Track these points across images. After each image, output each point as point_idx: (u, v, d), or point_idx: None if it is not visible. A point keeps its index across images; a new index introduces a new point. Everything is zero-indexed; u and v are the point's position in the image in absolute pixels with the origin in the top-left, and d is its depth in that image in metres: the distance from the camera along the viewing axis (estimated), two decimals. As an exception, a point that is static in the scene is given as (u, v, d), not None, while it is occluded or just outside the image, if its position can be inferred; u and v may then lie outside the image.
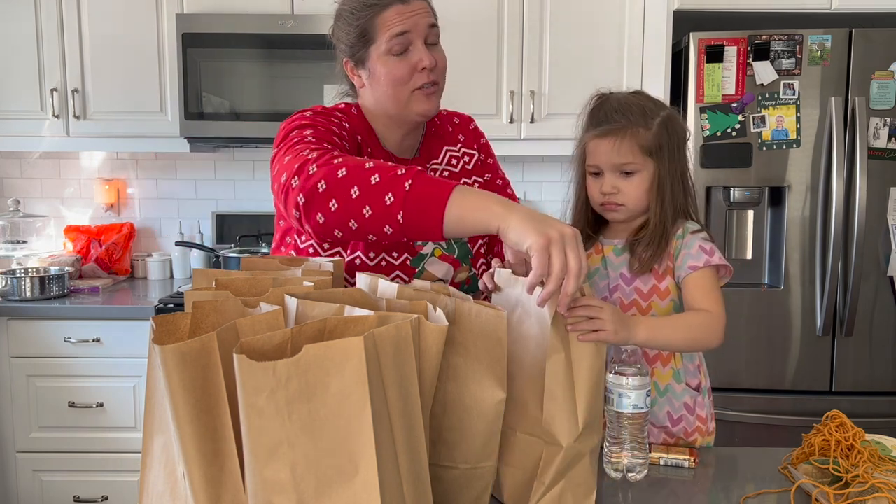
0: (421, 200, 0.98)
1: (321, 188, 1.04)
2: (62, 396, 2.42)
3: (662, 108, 1.24)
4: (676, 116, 1.26)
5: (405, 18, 1.25)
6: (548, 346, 0.93)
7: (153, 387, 0.77)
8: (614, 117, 1.21)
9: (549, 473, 0.96)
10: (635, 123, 1.21)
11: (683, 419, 1.28)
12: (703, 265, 1.22)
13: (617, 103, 1.23)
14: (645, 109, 1.22)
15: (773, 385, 2.39)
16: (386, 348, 0.68)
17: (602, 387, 0.99)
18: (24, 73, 2.64)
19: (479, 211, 0.97)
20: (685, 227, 1.26)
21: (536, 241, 0.90)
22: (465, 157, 1.46)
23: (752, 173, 2.34)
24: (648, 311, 1.26)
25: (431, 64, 1.27)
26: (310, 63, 2.55)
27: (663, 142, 1.22)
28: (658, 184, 1.23)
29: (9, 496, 2.46)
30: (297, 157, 1.12)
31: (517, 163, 2.98)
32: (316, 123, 1.26)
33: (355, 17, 1.27)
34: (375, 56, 1.27)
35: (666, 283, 1.25)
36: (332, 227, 1.06)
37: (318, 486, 0.64)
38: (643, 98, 1.26)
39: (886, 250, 2.33)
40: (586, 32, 2.58)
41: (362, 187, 1.02)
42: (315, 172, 1.06)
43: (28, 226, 2.95)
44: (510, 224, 0.94)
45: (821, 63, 2.29)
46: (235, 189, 3.04)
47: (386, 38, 1.25)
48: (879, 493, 0.98)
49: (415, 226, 1.00)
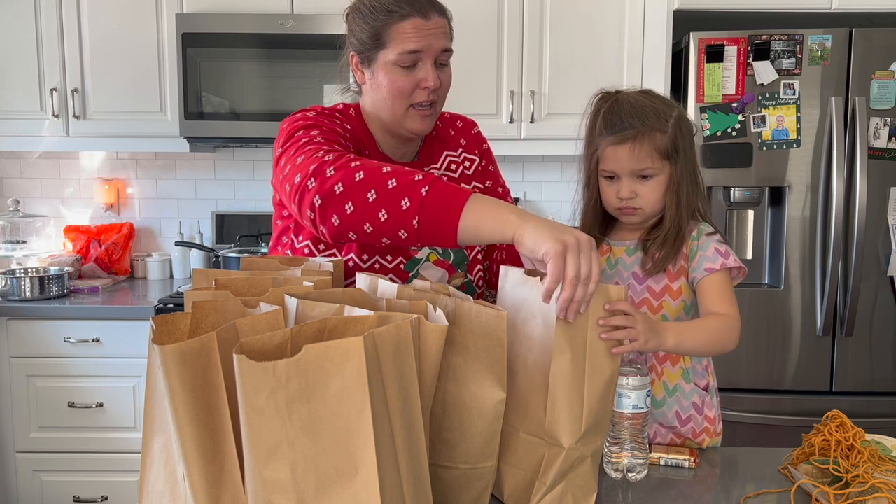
0: (437, 207, 0.99)
1: (338, 190, 1.05)
2: (62, 396, 2.42)
3: (672, 108, 1.23)
4: (685, 114, 1.25)
5: (421, 36, 1.23)
6: (553, 348, 0.93)
7: (153, 387, 0.77)
8: (630, 122, 1.20)
9: (551, 474, 0.96)
10: (651, 127, 1.19)
11: (692, 419, 1.27)
12: (718, 267, 1.22)
13: (630, 106, 1.21)
14: (658, 112, 1.21)
15: (774, 385, 2.39)
16: (386, 348, 0.68)
17: (612, 391, 0.99)
18: (23, 73, 2.64)
19: (494, 219, 0.97)
20: (699, 229, 1.26)
21: (553, 246, 0.90)
22: (465, 162, 1.46)
23: (753, 173, 2.34)
24: (659, 310, 1.25)
25: (436, 85, 1.26)
26: (310, 63, 2.55)
27: (678, 143, 1.21)
28: (674, 185, 1.22)
29: (9, 496, 2.46)
30: (311, 158, 1.12)
31: (517, 163, 2.98)
32: (321, 124, 1.25)
33: (372, 18, 1.25)
34: (382, 62, 1.26)
35: (678, 283, 1.25)
36: (347, 230, 1.06)
37: (318, 485, 0.64)
38: (653, 98, 1.24)
39: (886, 250, 2.33)
40: (586, 32, 2.58)
41: (379, 191, 1.02)
42: (332, 175, 1.06)
43: (28, 226, 2.95)
44: (525, 232, 0.94)
45: (821, 63, 2.29)
46: (235, 189, 3.04)
47: (397, 50, 1.24)
48: (879, 493, 0.98)
49: (430, 232, 1.00)
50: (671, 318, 1.26)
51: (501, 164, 1.56)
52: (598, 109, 1.25)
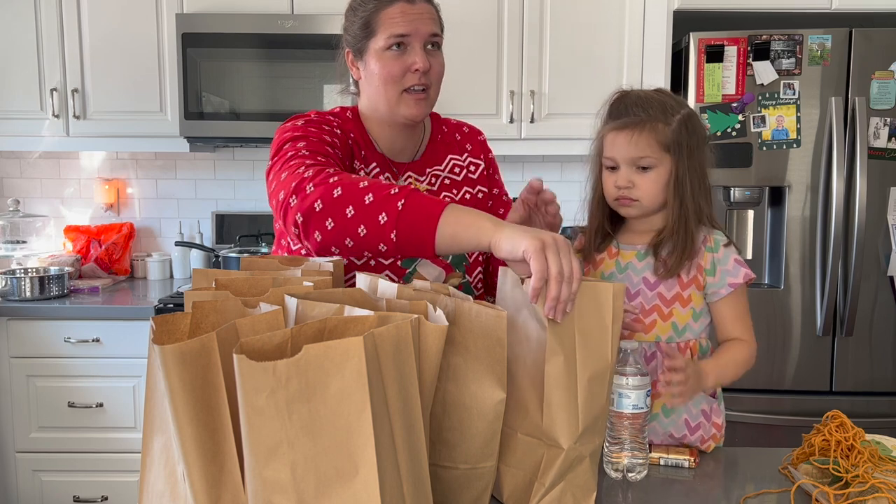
0: (413, 219, 1.01)
1: (318, 208, 1.07)
2: (62, 396, 2.42)
3: (683, 107, 1.23)
4: (697, 116, 1.25)
5: (408, 20, 1.26)
6: (546, 349, 0.93)
7: (153, 387, 0.77)
8: (633, 111, 1.20)
9: (550, 475, 0.96)
10: (654, 118, 1.20)
11: (701, 426, 1.26)
12: (742, 280, 1.23)
13: (637, 98, 1.22)
14: (665, 106, 1.21)
15: (774, 385, 2.39)
16: (386, 348, 0.68)
17: (606, 389, 0.99)
18: (23, 72, 2.64)
19: (470, 227, 0.99)
20: (715, 240, 1.25)
21: (532, 243, 0.90)
22: (470, 166, 1.46)
23: (752, 173, 2.34)
24: (669, 317, 1.24)
25: (425, 67, 1.27)
26: (309, 63, 2.55)
27: (682, 139, 1.21)
28: (676, 181, 1.22)
29: (9, 496, 2.46)
30: (293, 174, 1.14)
31: (517, 163, 2.98)
32: (308, 134, 1.26)
33: (362, 9, 1.29)
34: (373, 50, 1.29)
35: (689, 291, 1.24)
36: (329, 245, 1.08)
37: (318, 485, 0.64)
38: (665, 95, 1.24)
39: (886, 250, 2.33)
40: (586, 32, 2.58)
41: (357, 207, 1.04)
42: (312, 192, 1.08)
43: (28, 226, 2.95)
44: (502, 236, 0.95)
45: (821, 63, 2.29)
46: (235, 189, 3.04)
47: (385, 35, 1.26)
48: (879, 493, 0.98)
49: (408, 244, 1.02)
50: (680, 326, 1.25)
51: (501, 164, 1.56)
52: (608, 102, 1.26)
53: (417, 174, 1.40)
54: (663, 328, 1.25)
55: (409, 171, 1.40)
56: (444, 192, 1.42)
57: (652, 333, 1.24)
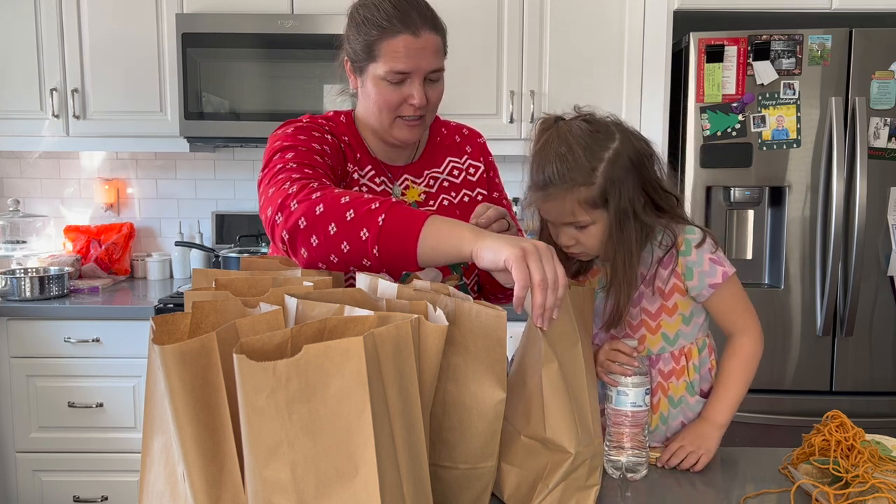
0: (394, 234, 1.01)
1: (302, 225, 1.07)
2: (62, 396, 2.42)
3: (607, 146, 1.12)
4: (627, 144, 1.13)
5: (410, 56, 1.23)
6: (542, 356, 0.94)
7: (153, 387, 0.77)
8: (551, 178, 1.11)
9: (555, 477, 0.96)
10: (573, 182, 1.10)
11: None
12: (721, 279, 1.19)
13: (556, 154, 1.12)
14: (586, 158, 1.11)
15: (773, 385, 2.39)
16: (386, 348, 0.68)
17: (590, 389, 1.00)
18: (23, 73, 2.64)
19: (450, 238, 0.99)
20: (687, 242, 1.19)
21: (512, 251, 0.90)
22: (469, 168, 1.46)
23: (753, 173, 2.34)
24: (658, 329, 1.23)
25: (421, 103, 1.27)
26: (309, 63, 2.55)
27: (610, 189, 1.11)
28: (616, 226, 1.14)
29: (9, 496, 2.46)
30: (279, 190, 1.15)
31: (517, 163, 2.95)
32: (297, 143, 1.26)
33: (365, 31, 1.26)
34: (372, 74, 1.27)
35: (673, 300, 1.22)
36: (316, 261, 1.09)
37: (318, 485, 0.64)
38: (588, 136, 1.12)
39: (886, 250, 2.33)
40: (586, 32, 2.58)
41: (339, 223, 1.04)
42: (296, 209, 1.09)
43: (28, 226, 2.95)
44: (482, 245, 0.95)
45: (821, 63, 2.29)
46: (235, 189, 3.04)
47: (386, 67, 1.24)
48: (879, 493, 0.98)
49: (390, 259, 1.03)
50: (671, 335, 1.23)
51: (501, 164, 1.55)
52: (535, 141, 1.19)
53: (415, 176, 1.40)
54: (653, 341, 1.23)
55: (406, 174, 1.40)
56: (443, 194, 1.41)
57: (643, 347, 1.23)
